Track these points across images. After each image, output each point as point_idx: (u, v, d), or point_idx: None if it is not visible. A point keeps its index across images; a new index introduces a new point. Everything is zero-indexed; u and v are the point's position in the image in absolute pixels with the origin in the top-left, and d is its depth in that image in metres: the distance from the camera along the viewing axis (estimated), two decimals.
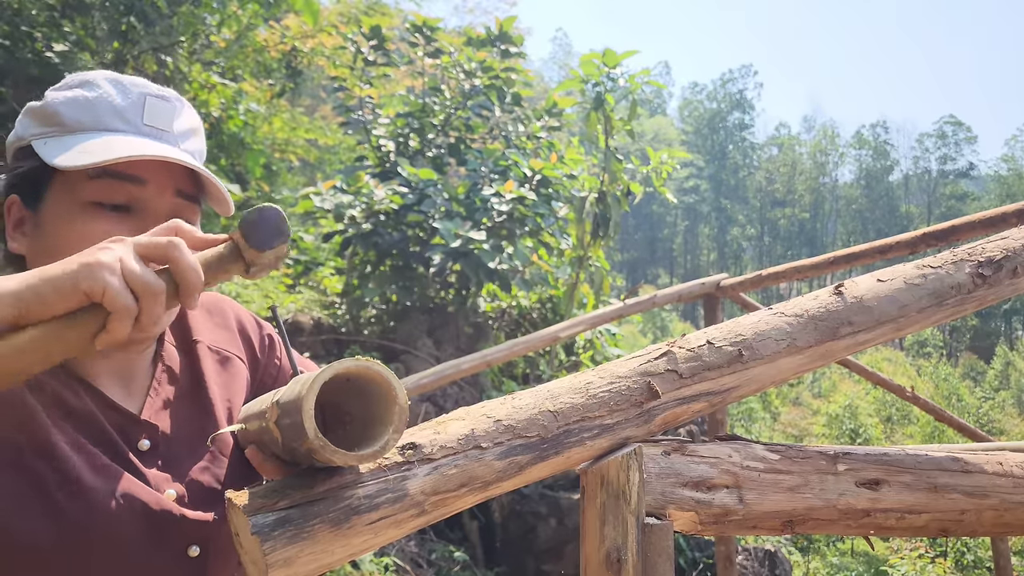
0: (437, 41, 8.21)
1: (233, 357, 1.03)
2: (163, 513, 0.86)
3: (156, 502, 0.86)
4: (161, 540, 0.86)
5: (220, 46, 6.08)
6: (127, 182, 0.88)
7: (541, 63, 73.56)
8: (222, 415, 0.97)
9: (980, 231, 2.50)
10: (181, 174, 0.92)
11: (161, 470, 0.90)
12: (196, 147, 0.96)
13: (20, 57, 4.73)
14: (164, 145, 0.90)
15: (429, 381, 3.64)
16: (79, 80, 0.92)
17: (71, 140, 0.87)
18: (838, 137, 67.37)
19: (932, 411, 4.61)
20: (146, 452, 0.90)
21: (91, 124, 0.89)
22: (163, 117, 0.92)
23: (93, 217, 0.87)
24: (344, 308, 7.55)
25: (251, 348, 1.07)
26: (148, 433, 0.91)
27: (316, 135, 7.81)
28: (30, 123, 0.91)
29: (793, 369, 0.99)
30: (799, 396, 26.48)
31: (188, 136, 0.95)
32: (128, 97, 0.91)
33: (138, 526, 0.84)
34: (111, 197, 0.87)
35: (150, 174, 0.89)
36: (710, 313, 4.33)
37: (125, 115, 0.90)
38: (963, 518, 1.03)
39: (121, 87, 0.91)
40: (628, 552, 0.86)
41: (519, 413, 0.84)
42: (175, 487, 0.89)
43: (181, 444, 0.93)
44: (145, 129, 0.90)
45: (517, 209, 6.79)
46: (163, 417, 0.93)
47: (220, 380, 1.00)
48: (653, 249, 64.45)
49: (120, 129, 0.89)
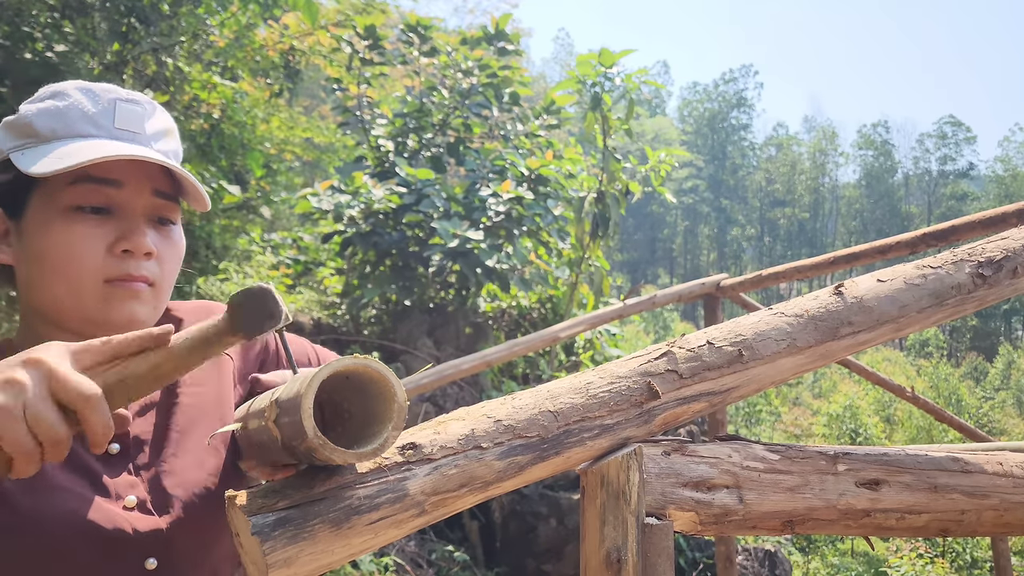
0: (432, 40, 8.20)
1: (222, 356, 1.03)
2: (114, 530, 0.85)
3: (107, 518, 0.85)
4: (115, 555, 0.86)
5: (220, 46, 6.07)
6: (104, 185, 0.90)
7: (543, 63, 73.60)
8: (195, 414, 0.97)
9: (980, 231, 2.50)
10: (158, 174, 0.94)
11: (130, 474, 0.91)
12: (170, 147, 0.98)
13: (20, 57, 4.73)
14: (137, 146, 0.92)
15: (429, 381, 3.64)
16: (50, 92, 0.94)
17: (46, 148, 0.89)
18: (838, 137, 67.37)
19: (932, 411, 4.61)
20: (115, 457, 0.91)
21: (64, 132, 0.91)
22: (134, 120, 0.94)
23: (74, 221, 0.89)
24: (344, 308, 7.55)
25: (244, 347, 1.08)
26: (118, 438, 0.91)
27: (314, 134, 7.81)
28: (6, 137, 0.93)
29: (793, 369, 0.99)
30: (799, 396, 26.48)
31: (161, 137, 0.97)
32: (98, 103, 0.93)
33: (88, 544, 0.84)
34: (90, 200, 0.90)
35: (126, 176, 0.91)
36: (710, 313, 4.33)
37: (97, 120, 0.92)
38: (963, 518, 1.03)
39: (91, 94, 0.94)
40: (628, 552, 0.86)
41: (519, 413, 0.84)
42: (138, 492, 0.90)
43: (152, 449, 0.94)
44: (117, 132, 0.93)
45: (515, 209, 6.79)
46: (138, 421, 0.94)
47: (202, 379, 1.00)
48: (653, 249, 64.44)
49: (93, 134, 0.91)
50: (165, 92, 5.56)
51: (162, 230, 0.96)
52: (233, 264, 6.93)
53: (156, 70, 5.60)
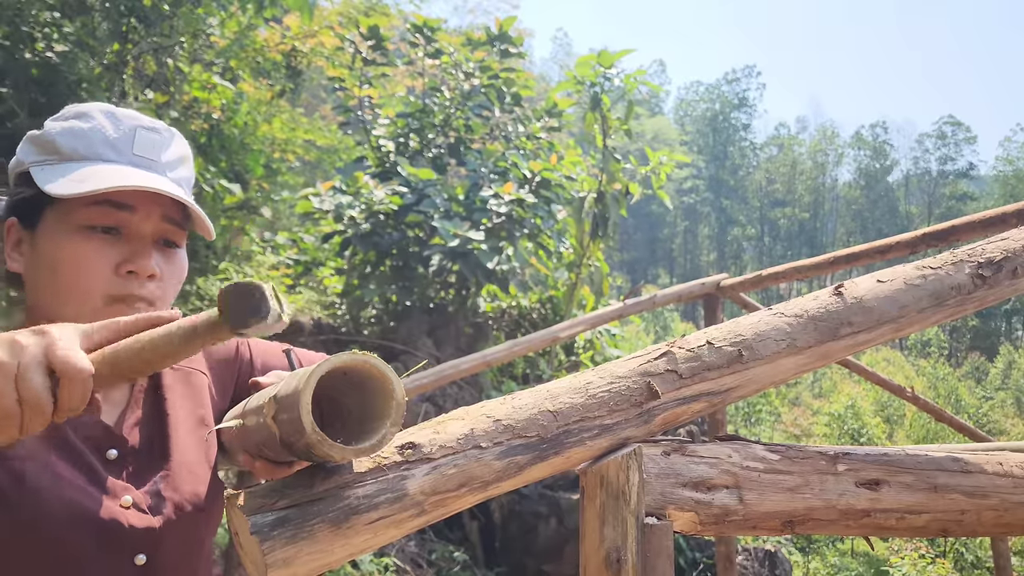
0: (438, 42, 8.22)
1: (194, 371, 1.09)
2: (111, 522, 0.90)
3: (106, 511, 0.91)
4: (108, 547, 0.91)
5: (220, 46, 6.07)
6: (118, 209, 0.95)
7: (542, 63, 73.53)
8: (181, 427, 1.03)
9: (980, 231, 2.50)
10: (168, 201, 0.99)
11: (125, 480, 0.96)
12: (183, 175, 1.04)
13: (20, 57, 4.73)
14: (152, 174, 0.98)
15: (429, 381, 3.63)
16: (75, 112, 0.99)
17: (65, 168, 0.94)
18: (837, 137, 67.32)
19: (931, 411, 4.61)
20: (113, 462, 0.96)
21: (85, 153, 0.96)
22: (152, 148, 0.99)
23: (85, 239, 0.94)
24: (344, 308, 7.55)
25: (215, 360, 1.13)
26: (117, 445, 0.97)
27: (315, 136, 7.81)
28: (30, 150, 0.98)
29: (793, 369, 0.99)
30: (799, 396, 26.47)
31: (176, 166, 1.03)
32: (120, 129, 0.98)
33: (85, 532, 0.89)
34: (102, 221, 0.95)
35: (138, 201, 0.96)
36: (710, 313, 4.33)
37: (117, 146, 0.97)
38: (963, 518, 1.03)
39: (114, 119, 0.99)
40: (628, 552, 0.86)
41: (519, 413, 0.84)
42: (134, 494, 0.95)
43: (147, 457, 0.99)
44: (135, 159, 0.98)
45: (516, 211, 6.79)
46: (135, 432, 1.00)
47: (183, 393, 1.06)
48: (653, 249, 64.39)
49: (111, 159, 0.97)
50: (165, 92, 5.56)
51: (167, 252, 1.01)
52: (233, 264, 6.93)
53: (156, 70, 5.60)
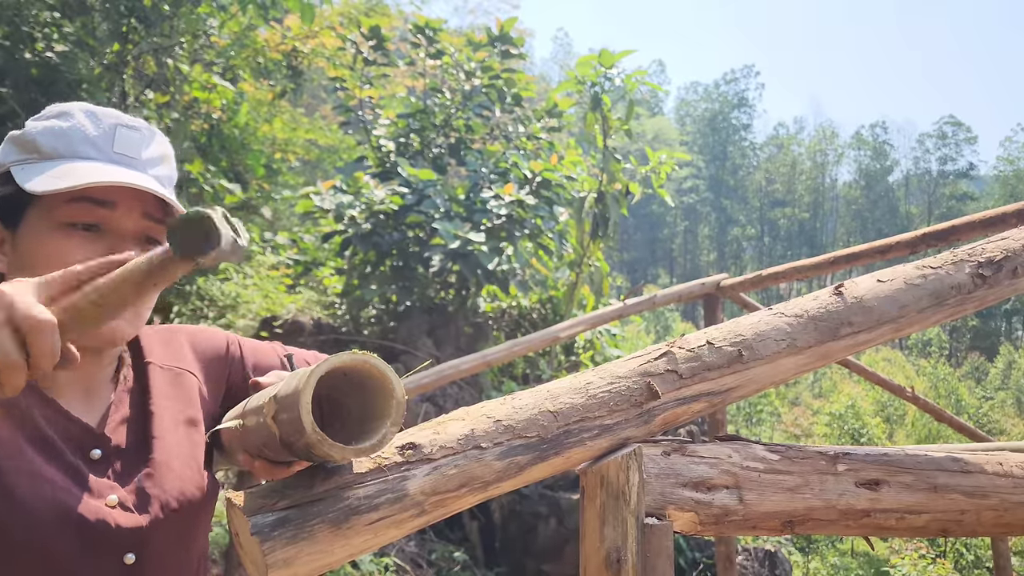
0: (439, 42, 8.22)
1: (184, 372, 1.09)
2: (98, 522, 0.90)
3: (92, 511, 0.90)
4: (96, 547, 0.90)
5: (220, 46, 6.07)
6: (98, 206, 0.95)
7: (542, 63, 73.50)
8: (167, 426, 1.03)
9: (980, 231, 2.50)
10: (149, 198, 0.99)
11: (110, 479, 0.95)
12: (164, 173, 1.03)
13: (20, 57, 4.73)
14: (132, 172, 0.97)
15: (429, 381, 3.63)
16: (56, 111, 1.00)
17: (46, 166, 0.94)
18: (837, 137, 67.30)
19: (931, 411, 4.61)
20: (97, 461, 0.95)
21: (65, 152, 0.96)
22: (132, 146, 0.99)
23: (66, 236, 0.94)
24: (344, 308, 7.55)
25: (206, 360, 1.13)
26: (100, 444, 0.96)
27: (316, 135, 7.81)
28: (11, 150, 0.98)
29: (793, 369, 0.99)
30: (799, 396, 26.47)
31: (157, 163, 1.03)
32: (100, 127, 0.98)
33: (71, 532, 0.88)
34: (83, 218, 0.95)
35: (119, 198, 0.96)
36: (710, 313, 4.33)
37: (97, 143, 0.97)
38: (963, 518, 1.03)
39: (94, 117, 0.99)
40: (628, 552, 0.86)
41: (519, 413, 0.84)
42: (119, 493, 0.94)
43: (132, 455, 0.98)
44: (115, 156, 0.98)
45: (516, 211, 6.79)
46: (119, 431, 0.99)
47: (171, 393, 1.06)
48: (653, 249, 64.36)
49: (92, 157, 0.97)
50: (165, 93, 5.56)
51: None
52: (233, 264, 6.93)
53: (156, 71, 5.60)
